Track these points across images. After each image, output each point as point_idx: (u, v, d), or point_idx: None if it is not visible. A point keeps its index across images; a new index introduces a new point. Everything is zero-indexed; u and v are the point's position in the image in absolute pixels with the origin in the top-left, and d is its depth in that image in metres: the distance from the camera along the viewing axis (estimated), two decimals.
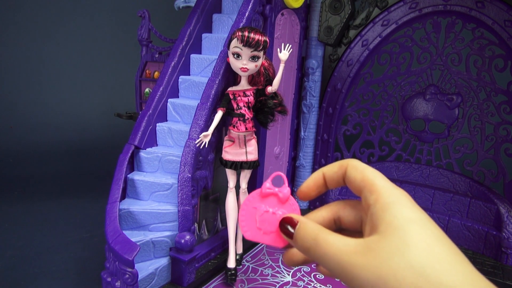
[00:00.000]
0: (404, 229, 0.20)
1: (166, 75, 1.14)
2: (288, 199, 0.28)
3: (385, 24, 1.36)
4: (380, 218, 0.21)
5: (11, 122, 2.65)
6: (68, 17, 2.90)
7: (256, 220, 0.27)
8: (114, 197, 0.95)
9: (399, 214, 0.21)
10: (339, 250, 0.21)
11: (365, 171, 0.25)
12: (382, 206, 0.22)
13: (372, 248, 0.20)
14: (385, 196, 0.22)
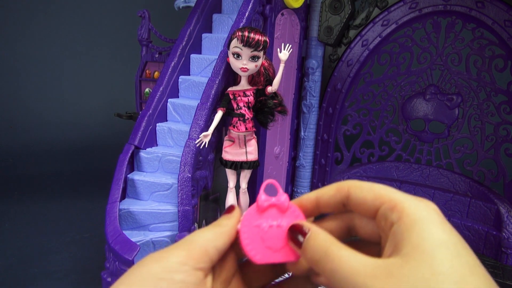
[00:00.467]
0: (433, 254, 0.17)
1: (166, 75, 1.14)
2: (288, 207, 0.26)
3: (385, 24, 1.36)
4: (405, 238, 0.19)
5: (11, 122, 2.65)
6: (68, 17, 2.90)
7: (263, 239, 0.24)
8: (114, 197, 0.95)
9: (427, 235, 0.18)
10: (353, 270, 0.19)
11: (374, 187, 0.22)
12: (407, 224, 0.19)
13: (393, 273, 0.18)
14: (410, 212, 0.19)
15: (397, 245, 0.19)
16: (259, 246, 0.24)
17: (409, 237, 0.18)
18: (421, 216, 0.19)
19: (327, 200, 0.24)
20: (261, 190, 0.26)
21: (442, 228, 0.18)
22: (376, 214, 0.21)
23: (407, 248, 0.18)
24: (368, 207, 0.22)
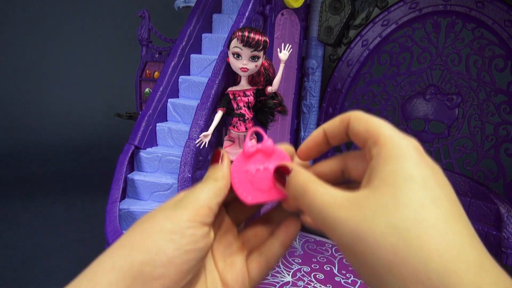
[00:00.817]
0: (399, 186, 0.18)
1: (166, 75, 1.14)
2: (273, 151, 0.27)
3: (385, 24, 1.36)
4: (377, 172, 0.19)
5: (11, 122, 2.65)
6: (68, 17, 2.90)
7: (251, 182, 0.26)
8: (114, 197, 0.95)
9: (398, 169, 0.19)
10: (325, 202, 0.20)
11: (370, 120, 0.22)
12: (384, 159, 0.20)
13: (359, 203, 0.19)
14: (389, 147, 0.20)
15: (369, 178, 0.20)
16: (249, 188, 0.26)
17: (381, 171, 0.19)
18: (398, 152, 0.20)
19: (333, 131, 0.25)
20: (247, 137, 0.28)
21: (417, 164, 0.19)
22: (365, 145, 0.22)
23: (377, 181, 0.19)
24: (361, 140, 0.22)
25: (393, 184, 0.18)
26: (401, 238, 0.17)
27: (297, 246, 1.29)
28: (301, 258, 1.20)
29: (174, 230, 0.21)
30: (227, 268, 0.27)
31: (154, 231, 0.21)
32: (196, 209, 0.23)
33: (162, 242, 0.21)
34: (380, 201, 0.18)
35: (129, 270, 0.20)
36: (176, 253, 0.21)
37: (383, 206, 0.18)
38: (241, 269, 0.27)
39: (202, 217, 0.23)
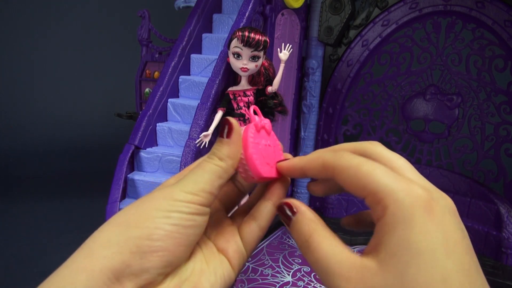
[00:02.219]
0: (406, 264, 0.16)
1: (166, 75, 1.14)
2: (271, 131, 0.28)
3: (385, 24, 1.36)
4: (384, 241, 0.18)
5: (11, 122, 2.65)
6: (68, 17, 2.90)
7: (263, 156, 0.26)
8: (114, 197, 0.95)
9: (404, 242, 0.17)
10: (329, 266, 0.19)
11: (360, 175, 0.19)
12: (388, 226, 0.18)
13: (365, 278, 0.17)
14: (392, 210, 0.18)
15: (377, 245, 0.18)
16: (263, 162, 0.25)
17: (388, 241, 0.17)
18: (404, 216, 0.17)
19: (313, 174, 0.24)
20: (251, 112, 0.28)
21: (424, 231, 0.17)
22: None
23: (383, 254, 0.17)
24: (358, 195, 0.20)
25: (400, 260, 0.17)
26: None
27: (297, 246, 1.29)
28: (301, 258, 1.20)
29: (170, 209, 0.21)
30: (218, 235, 0.26)
31: (151, 208, 0.21)
32: (195, 192, 0.22)
33: (158, 219, 0.21)
34: (387, 283, 0.17)
35: (125, 245, 0.20)
36: (174, 228, 0.21)
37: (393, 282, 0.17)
38: (232, 234, 0.26)
39: (201, 200, 0.22)
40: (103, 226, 0.21)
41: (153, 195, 0.22)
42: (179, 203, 0.21)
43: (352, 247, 1.29)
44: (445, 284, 0.16)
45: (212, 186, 0.23)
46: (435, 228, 0.17)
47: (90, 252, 0.19)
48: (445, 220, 0.17)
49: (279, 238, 1.34)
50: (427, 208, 0.17)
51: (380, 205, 0.18)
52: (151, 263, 0.20)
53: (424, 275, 0.16)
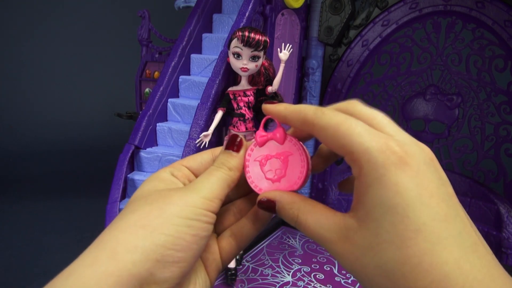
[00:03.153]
0: (380, 221, 0.17)
1: (166, 75, 1.14)
2: (285, 138, 0.26)
3: (385, 24, 1.36)
4: (361, 200, 0.19)
5: (11, 122, 2.65)
6: (68, 17, 2.90)
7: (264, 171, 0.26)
8: (114, 197, 0.95)
9: (378, 199, 0.17)
10: (320, 237, 0.21)
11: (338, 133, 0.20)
12: (364, 185, 0.18)
13: (350, 238, 0.19)
14: (366, 170, 0.18)
15: (356, 204, 0.19)
16: (261, 179, 0.26)
17: (364, 200, 0.18)
18: (376, 174, 0.18)
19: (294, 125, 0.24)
20: (261, 126, 0.28)
21: (396, 188, 0.17)
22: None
23: (361, 212, 0.18)
24: (335, 151, 0.21)
25: (374, 218, 0.18)
26: (389, 280, 0.17)
27: (297, 246, 1.29)
28: (301, 258, 1.20)
29: (192, 217, 0.21)
30: None
31: (174, 215, 0.21)
32: (210, 199, 0.23)
33: (182, 227, 0.21)
34: (366, 240, 0.18)
35: (152, 252, 0.19)
36: (194, 239, 0.21)
37: (369, 247, 0.18)
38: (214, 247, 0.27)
39: (213, 207, 0.23)
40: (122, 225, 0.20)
41: (171, 198, 0.22)
42: (199, 211, 0.22)
43: None
44: (419, 234, 0.16)
45: (223, 194, 0.24)
46: (408, 181, 0.17)
47: (115, 254, 0.19)
48: (420, 172, 0.18)
49: (279, 238, 1.34)
50: (401, 163, 0.18)
51: (356, 165, 0.19)
52: (172, 273, 0.20)
53: (397, 228, 0.17)
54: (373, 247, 0.18)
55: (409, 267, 0.16)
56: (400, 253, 0.16)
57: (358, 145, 0.19)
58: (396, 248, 0.17)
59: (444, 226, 0.17)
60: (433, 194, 0.18)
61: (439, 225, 0.17)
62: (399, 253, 0.16)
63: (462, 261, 0.16)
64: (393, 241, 0.17)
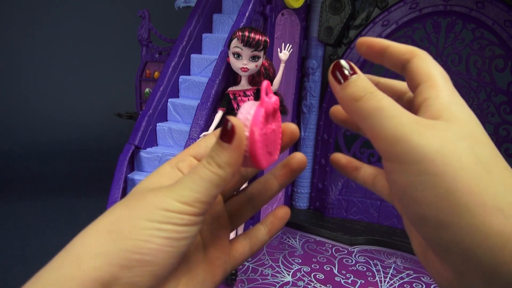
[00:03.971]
0: (474, 123, 0.19)
1: (166, 75, 1.14)
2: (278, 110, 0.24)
3: (385, 24, 1.36)
4: (445, 108, 0.19)
5: (11, 122, 2.65)
6: (68, 17, 2.90)
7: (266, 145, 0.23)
8: (114, 197, 0.95)
9: (466, 113, 0.19)
10: (399, 112, 0.19)
11: (432, 68, 0.21)
12: (444, 101, 0.20)
13: (438, 127, 0.18)
14: (452, 97, 0.20)
15: (435, 113, 0.19)
16: (265, 153, 0.23)
17: (449, 109, 0.19)
18: (453, 99, 0.20)
19: (395, 54, 0.23)
20: (263, 92, 0.24)
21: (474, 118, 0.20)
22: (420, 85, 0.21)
23: (448, 115, 0.19)
24: (415, 78, 0.22)
25: (466, 120, 0.19)
26: (484, 168, 0.17)
27: (297, 246, 1.29)
28: (301, 258, 1.20)
29: (163, 220, 0.20)
30: (213, 241, 0.26)
31: (143, 218, 0.20)
32: (189, 203, 0.20)
33: (150, 230, 0.20)
34: (462, 131, 0.18)
35: (115, 257, 0.19)
36: (166, 242, 0.20)
37: (466, 136, 0.18)
38: (226, 246, 0.26)
39: (195, 211, 0.21)
40: (91, 230, 0.20)
41: (145, 201, 0.21)
42: (172, 215, 0.20)
43: (352, 247, 1.29)
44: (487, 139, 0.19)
45: (208, 196, 0.21)
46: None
47: (79, 260, 0.19)
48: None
49: (279, 238, 1.34)
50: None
51: (435, 90, 0.20)
52: (140, 277, 0.19)
53: (486, 136, 0.19)
54: (470, 140, 0.18)
55: (501, 163, 0.18)
56: (494, 151, 0.19)
57: (437, 79, 0.21)
58: (491, 147, 0.19)
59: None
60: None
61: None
62: (494, 150, 0.19)
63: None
64: (487, 141, 0.19)
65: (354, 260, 1.21)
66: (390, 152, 0.19)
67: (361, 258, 1.22)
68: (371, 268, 1.16)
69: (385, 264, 1.19)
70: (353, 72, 0.21)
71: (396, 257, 1.23)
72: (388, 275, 1.12)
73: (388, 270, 1.15)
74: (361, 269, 1.15)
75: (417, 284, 1.08)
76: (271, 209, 1.43)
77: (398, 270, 1.16)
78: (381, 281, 1.09)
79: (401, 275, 1.13)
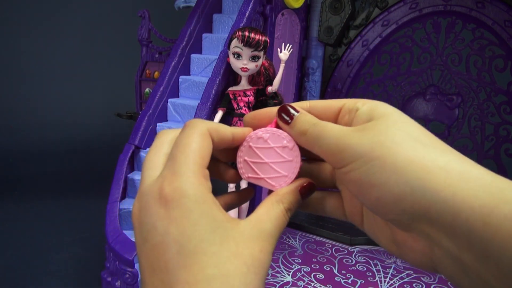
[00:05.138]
0: (398, 114, 0.21)
1: (166, 75, 1.14)
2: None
3: (385, 24, 1.36)
4: (372, 112, 0.22)
5: (11, 122, 2.65)
6: (68, 17, 2.90)
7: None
8: (114, 197, 0.95)
9: (390, 108, 0.22)
10: (337, 129, 0.22)
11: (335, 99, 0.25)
12: (372, 106, 0.22)
13: (369, 126, 0.21)
14: (371, 102, 0.23)
15: (366, 118, 0.22)
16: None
17: (375, 111, 0.22)
18: (381, 102, 0.22)
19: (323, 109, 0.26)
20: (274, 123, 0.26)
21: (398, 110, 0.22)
22: (336, 117, 0.24)
23: (376, 116, 0.21)
24: (330, 110, 0.24)
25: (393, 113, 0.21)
26: (417, 141, 0.19)
27: (297, 246, 1.29)
28: (301, 258, 1.20)
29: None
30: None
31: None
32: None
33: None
34: (389, 121, 0.21)
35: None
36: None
37: (393, 123, 0.20)
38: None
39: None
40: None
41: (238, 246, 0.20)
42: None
43: (352, 247, 1.29)
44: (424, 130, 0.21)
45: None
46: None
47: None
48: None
49: (279, 238, 1.34)
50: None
51: (359, 102, 0.23)
52: None
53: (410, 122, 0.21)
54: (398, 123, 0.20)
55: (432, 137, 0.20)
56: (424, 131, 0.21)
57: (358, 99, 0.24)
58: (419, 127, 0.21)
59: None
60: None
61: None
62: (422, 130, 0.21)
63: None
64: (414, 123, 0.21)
65: (354, 260, 1.21)
66: (340, 160, 0.21)
67: (361, 258, 1.22)
68: (371, 268, 1.16)
69: (385, 264, 1.19)
70: (297, 111, 0.24)
71: (396, 257, 1.23)
72: (388, 275, 1.12)
73: (388, 270, 1.15)
74: (361, 269, 1.15)
75: (417, 284, 1.08)
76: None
77: (398, 270, 1.16)
78: (381, 281, 1.09)
79: (401, 275, 1.13)
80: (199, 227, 0.18)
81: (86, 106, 2.96)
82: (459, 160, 0.19)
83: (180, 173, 0.20)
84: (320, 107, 0.25)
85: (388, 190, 0.19)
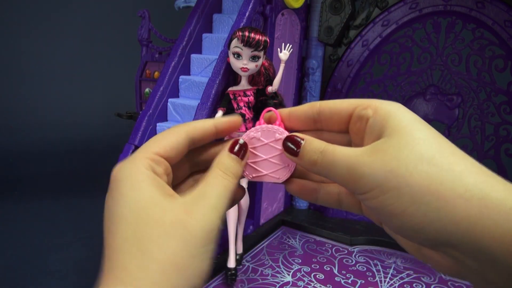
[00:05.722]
0: (411, 127, 0.20)
1: (166, 75, 1.14)
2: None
3: (385, 24, 1.36)
4: (384, 125, 0.21)
5: (11, 122, 2.65)
6: (68, 17, 2.90)
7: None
8: None
9: (403, 117, 0.21)
10: (347, 155, 0.21)
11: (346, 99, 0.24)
12: (383, 115, 0.21)
13: (380, 148, 0.20)
14: (383, 106, 0.22)
15: (377, 132, 0.21)
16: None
17: (387, 123, 0.21)
18: (393, 108, 0.21)
19: (298, 115, 0.27)
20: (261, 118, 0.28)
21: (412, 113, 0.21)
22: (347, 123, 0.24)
23: (388, 131, 0.21)
24: (340, 115, 0.24)
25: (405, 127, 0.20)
26: (432, 165, 0.19)
27: (297, 246, 1.29)
28: (301, 258, 1.20)
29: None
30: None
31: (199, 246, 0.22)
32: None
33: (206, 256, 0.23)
34: (401, 141, 0.20)
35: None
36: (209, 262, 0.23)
37: (405, 144, 0.20)
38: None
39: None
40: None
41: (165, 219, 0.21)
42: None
43: (352, 247, 1.29)
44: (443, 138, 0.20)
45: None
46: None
47: None
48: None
49: (279, 238, 1.34)
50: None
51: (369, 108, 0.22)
52: None
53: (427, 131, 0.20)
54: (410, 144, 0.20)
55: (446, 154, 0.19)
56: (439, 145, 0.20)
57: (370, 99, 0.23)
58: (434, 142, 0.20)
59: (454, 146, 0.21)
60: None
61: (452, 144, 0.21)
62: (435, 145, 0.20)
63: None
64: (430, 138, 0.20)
65: (354, 260, 1.21)
66: (355, 189, 0.21)
67: (361, 258, 1.22)
68: (371, 268, 1.16)
69: (385, 264, 1.19)
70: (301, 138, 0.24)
71: (396, 257, 1.23)
72: (388, 275, 1.12)
73: (388, 270, 1.15)
74: (361, 269, 1.15)
75: (417, 284, 1.08)
76: (271, 209, 1.43)
77: (398, 270, 1.16)
78: (381, 281, 1.09)
79: (401, 275, 1.13)
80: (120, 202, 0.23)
81: (86, 106, 2.96)
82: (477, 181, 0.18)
83: (130, 158, 0.24)
84: (329, 112, 0.25)
85: (407, 220, 0.19)
